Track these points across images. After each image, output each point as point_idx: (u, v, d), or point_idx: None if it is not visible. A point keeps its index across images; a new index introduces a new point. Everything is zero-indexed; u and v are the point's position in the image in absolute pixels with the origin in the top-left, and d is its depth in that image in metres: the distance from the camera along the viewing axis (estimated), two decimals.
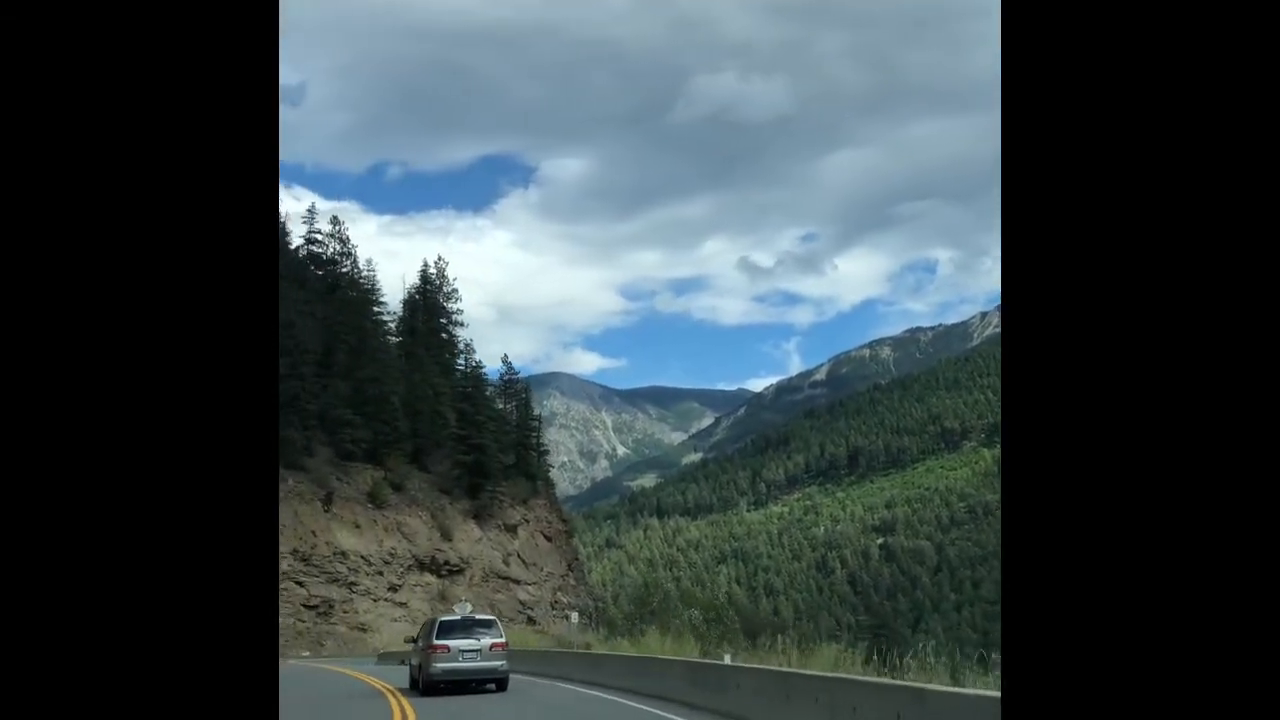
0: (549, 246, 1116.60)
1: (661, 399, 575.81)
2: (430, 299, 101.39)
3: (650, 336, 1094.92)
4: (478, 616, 22.26)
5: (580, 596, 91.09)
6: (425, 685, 20.37)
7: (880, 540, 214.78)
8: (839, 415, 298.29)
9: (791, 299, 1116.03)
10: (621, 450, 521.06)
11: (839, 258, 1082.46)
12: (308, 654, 58.87)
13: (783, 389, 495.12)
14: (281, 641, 60.63)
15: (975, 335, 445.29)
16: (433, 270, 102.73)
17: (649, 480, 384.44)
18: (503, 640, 20.71)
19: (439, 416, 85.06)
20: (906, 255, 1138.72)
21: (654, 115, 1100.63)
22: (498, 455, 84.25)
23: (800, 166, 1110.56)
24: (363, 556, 68.05)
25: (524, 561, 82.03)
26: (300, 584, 63.14)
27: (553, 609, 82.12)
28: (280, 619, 60.79)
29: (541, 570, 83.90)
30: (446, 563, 73.79)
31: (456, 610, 25.33)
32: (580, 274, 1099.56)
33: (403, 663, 31.14)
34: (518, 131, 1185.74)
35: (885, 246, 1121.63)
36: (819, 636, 30.88)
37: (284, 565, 62.74)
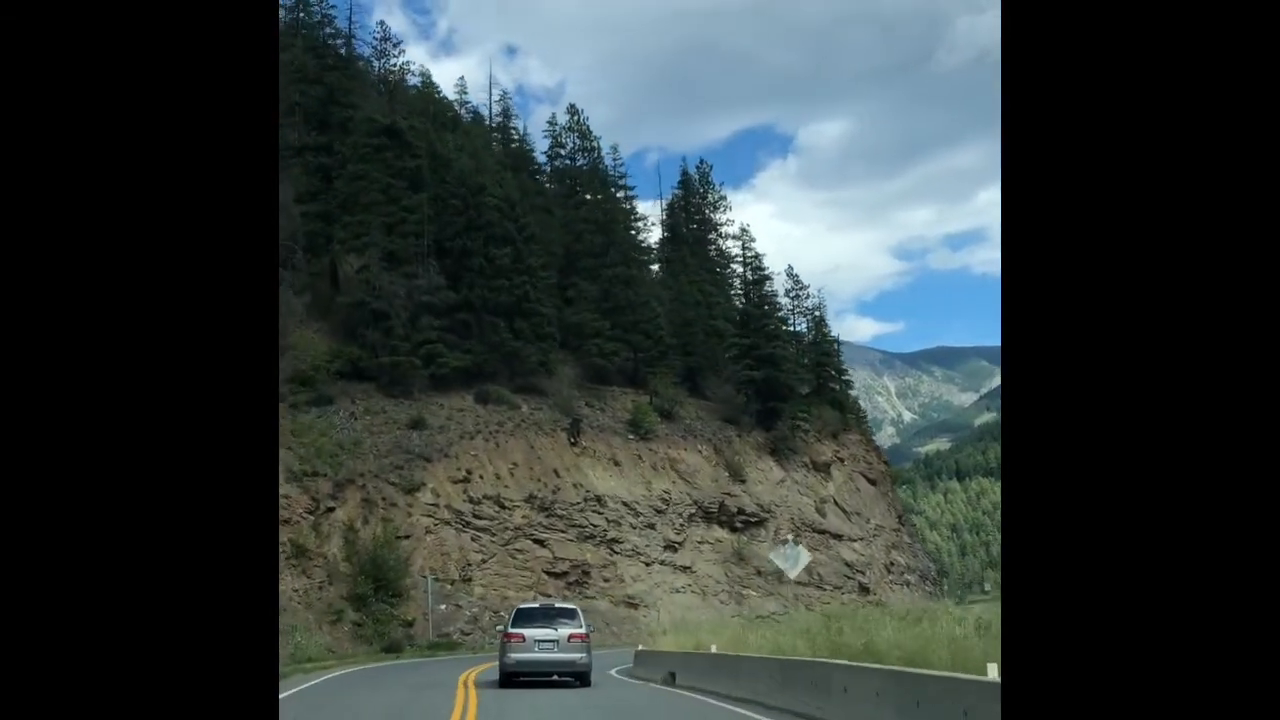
0: (812, 214, 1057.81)
1: (946, 360, 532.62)
2: (692, 204, 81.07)
3: (928, 296, 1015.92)
4: (558, 604, 21.15)
5: (918, 557, 67.29)
6: (501, 676, 18.44)
7: None
8: None
9: None
10: (908, 416, 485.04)
11: None
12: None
13: None
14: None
15: None
16: (694, 175, 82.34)
17: (940, 444, 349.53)
18: (582, 631, 18.66)
19: (714, 333, 64.22)
20: None
21: (915, 66, 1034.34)
22: (796, 373, 62.16)
23: None
24: (625, 504, 48.07)
25: (843, 511, 59.39)
26: (540, 543, 43.88)
27: (888, 572, 59.00)
28: (514, 592, 41.57)
29: (867, 523, 60.91)
30: (740, 511, 52.56)
31: (775, 558, 25.18)
32: (848, 239, 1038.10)
33: (670, 679, 20.89)
34: (773, 101, 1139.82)
35: None
36: None
37: (516, 518, 43.70)
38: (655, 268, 72.11)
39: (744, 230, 70.63)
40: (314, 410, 43.39)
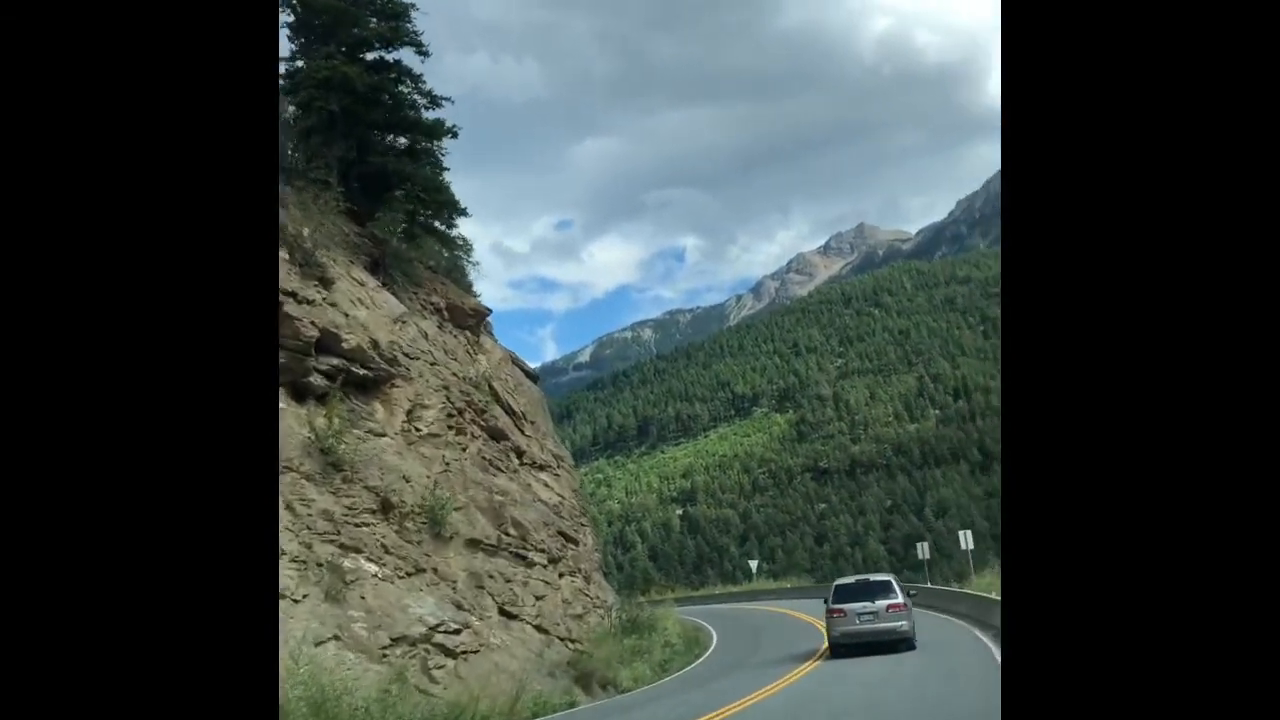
0: None
1: None
2: None
3: None
4: (873, 579, 20.85)
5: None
6: (831, 648, 20.00)
7: (680, 511, 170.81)
8: (623, 386, 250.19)
9: (548, 285, 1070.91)
10: None
11: (593, 245, 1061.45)
12: None
13: (546, 371, 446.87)
14: None
15: (731, 318, 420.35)
16: None
17: None
18: (899, 601, 19.50)
19: None
20: (656, 243, 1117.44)
21: None
22: (417, 123, 28.31)
23: (553, 152, 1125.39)
24: None
25: (515, 413, 26.77)
26: None
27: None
28: None
29: (545, 439, 28.91)
30: (328, 344, 17.73)
31: None
32: None
33: None
34: None
35: (636, 234, 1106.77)
36: None
37: None
38: None
39: None
40: None
